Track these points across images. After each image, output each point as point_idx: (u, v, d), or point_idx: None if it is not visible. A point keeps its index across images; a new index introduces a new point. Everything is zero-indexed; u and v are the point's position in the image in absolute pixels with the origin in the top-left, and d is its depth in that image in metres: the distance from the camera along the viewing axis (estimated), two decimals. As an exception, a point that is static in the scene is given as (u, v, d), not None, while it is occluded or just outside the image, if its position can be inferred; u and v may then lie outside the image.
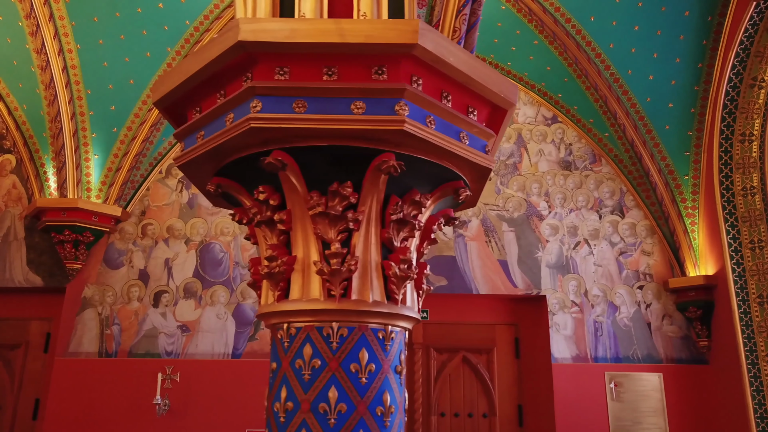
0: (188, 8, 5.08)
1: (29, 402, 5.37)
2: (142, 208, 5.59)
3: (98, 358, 5.19)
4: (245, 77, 1.81)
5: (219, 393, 5.07)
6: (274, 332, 1.93)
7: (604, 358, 5.20)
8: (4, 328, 5.55)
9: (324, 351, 1.80)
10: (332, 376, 1.78)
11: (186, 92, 1.98)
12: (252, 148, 1.84)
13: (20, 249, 5.52)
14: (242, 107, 1.79)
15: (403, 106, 1.72)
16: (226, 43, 1.73)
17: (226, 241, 5.49)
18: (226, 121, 1.84)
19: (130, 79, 5.28)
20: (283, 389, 1.82)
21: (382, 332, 1.88)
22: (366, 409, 1.79)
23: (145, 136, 5.40)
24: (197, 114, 2.00)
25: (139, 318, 5.28)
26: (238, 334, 5.23)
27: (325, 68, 1.75)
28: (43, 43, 4.91)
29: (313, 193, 1.84)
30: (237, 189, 2.02)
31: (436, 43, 1.73)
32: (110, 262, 5.45)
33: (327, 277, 1.81)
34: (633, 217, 5.60)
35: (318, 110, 1.73)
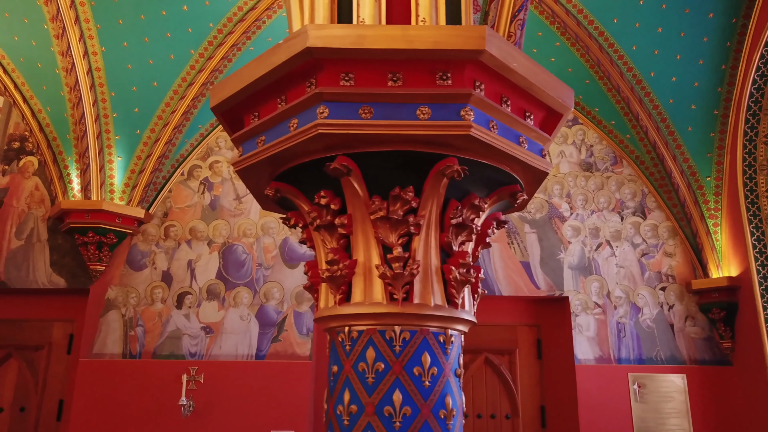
0: (212, 11, 5.10)
1: (53, 403, 5.39)
2: (164, 210, 5.61)
3: (122, 360, 5.21)
4: (309, 83, 1.83)
5: (243, 394, 5.09)
6: (334, 335, 1.95)
7: (628, 360, 5.20)
8: (27, 330, 5.57)
9: (387, 354, 1.81)
10: (396, 379, 1.79)
11: (245, 97, 1.99)
12: (315, 154, 1.85)
13: (43, 251, 5.54)
14: (307, 113, 1.80)
15: (468, 111, 1.74)
16: (294, 49, 1.75)
17: (248, 243, 5.51)
18: (289, 126, 1.85)
19: (154, 82, 5.30)
20: (345, 392, 1.84)
21: (442, 336, 1.90)
22: (430, 412, 1.80)
23: (168, 138, 5.42)
24: (255, 119, 2.02)
25: (163, 319, 5.30)
26: (262, 336, 5.25)
27: (390, 74, 1.77)
28: (69, 46, 4.93)
29: (374, 197, 1.86)
30: (294, 193, 2.04)
31: (501, 48, 1.75)
32: (133, 264, 5.47)
33: (389, 280, 1.83)
34: (655, 218, 5.61)
35: (384, 116, 1.75)
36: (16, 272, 5.48)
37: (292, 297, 5.35)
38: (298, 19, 2.09)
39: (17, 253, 5.53)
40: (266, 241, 5.51)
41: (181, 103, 5.38)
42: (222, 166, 5.73)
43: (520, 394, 5.28)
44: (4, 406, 5.39)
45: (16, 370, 5.49)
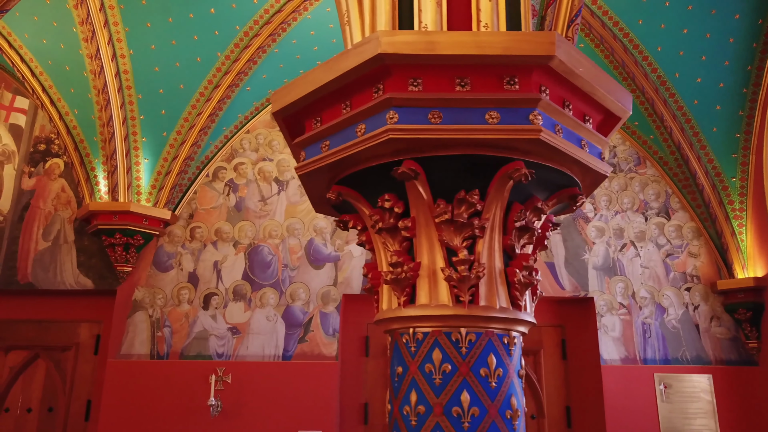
0: (239, 13, 5.13)
1: (81, 404, 5.43)
2: (189, 212, 5.65)
3: (150, 360, 5.24)
4: (376, 89, 1.85)
5: (270, 394, 5.12)
6: (397, 337, 1.97)
7: (653, 360, 5.21)
8: (55, 331, 5.62)
9: (454, 356, 1.84)
10: (463, 380, 1.82)
11: (309, 103, 2.02)
12: (381, 158, 1.88)
13: (70, 252, 5.58)
14: (376, 118, 1.83)
15: (537, 116, 1.76)
16: (364, 54, 1.78)
17: (274, 244, 5.54)
18: (356, 131, 1.88)
19: (181, 84, 5.34)
20: (412, 393, 1.86)
21: (506, 337, 1.92)
22: (497, 413, 1.83)
23: (194, 141, 5.46)
24: (318, 124, 2.05)
25: (190, 320, 5.34)
26: (288, 336, 5.28)
27: (458, 79, 1.79)
28: (98, 49, 4.98)
29: (439, 200, 1.88)
30: (355, 197, 2.06)
31: (569, 54, 1.77)
32: (159, 265, 5.51)
33: (455, 283, 1.85)
34: (679, 219, 5.62)
35: (453, 120, 1.77)
36: (44, 273, 5.53)
37: (318, 297, 5.38)
38: (358, 26, 2.12)
39: (44, 254, 5.58)
40: (291, 242, 5.54)
41: (207, 106, 5.41)
42: (246, 168, 5.76)
43: (545, 394, 5.30)
44: (32, 407, 5.43)
45: (44, 370, 5.54)
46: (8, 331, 5.59)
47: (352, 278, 5.45)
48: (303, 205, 5.65)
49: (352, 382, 5.36)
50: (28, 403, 5.45)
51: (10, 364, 5.53)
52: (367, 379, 5.40)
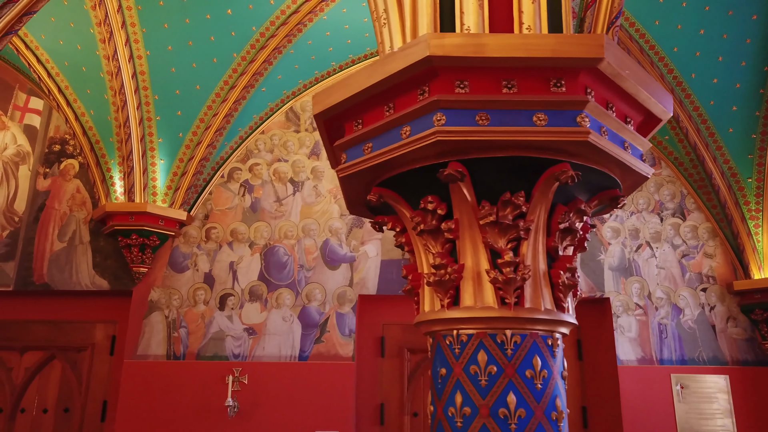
0: (256, 14, 5.14)
1: (97, 404, 5.44)
2: (205, 212, 5.66)
3: (166, 361, 5.25)
4: (421, 91, 1.86)
5: (287, 395, 5.12)
6: (440, 338, 1.97)
7: (670, 360, 5.22)
8: (70, 331, 5.62)
9: (499, 357, 1.84)
10: (509, 382, 1.82)
11: (351, 105, 2.03)
12: (426, 160, 1.88)
13: (86, 253, 5.59)
14: (422, 120, 1.83)
15: (584, 118, 1.76)
16: (412, 57, 1.78)
17: (290, 245, 5.54)
18: (401, 133, 1.88)
19: (197, 85, 5.34)
20: (457, 394, 1.87)
21: (550, 339, 1.92)
22: (543, 414, 1.83)
23: (209, 141, 5.46)
24: (359, 126, 2.05)
25: (206, 321, 5.34)
26: (305, 337, 5.28)
27: (504, 81, 1.80)
28: (116, 50, 4.98)
29: (483, 202, 1.89)
30: (396, 199, 2.07)
31: (616, 56, 1.78)
32: (175, 266, 5.51)
33: (501, 285, 1.86)
34: (694, 219, 5.62)
35: (500, 122, 1.77)
36: (59, 274, 5.53)
37: (334, 298, 5.38)
38: (398, 28, 2.12)
39: (60, 255, 5.59)
40: (307, 243, 5.54)
41: (223, 106, 5.42)
42: (262, 169, 5.76)
43: (561, 394, 5.29)
44: (48, 407, 5.44)
45: (60, 371, 5.55)
46: (24, 331, 5.60)
47: (368, 279, 5.45)
48: (318, 205, 5.66)
49: (368, 383, 5.36)
50: (44, 404, 5.45)
51: (26, 364, 5.54)
52: (383, 380, 5.41)
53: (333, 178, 5.74)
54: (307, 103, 5.97)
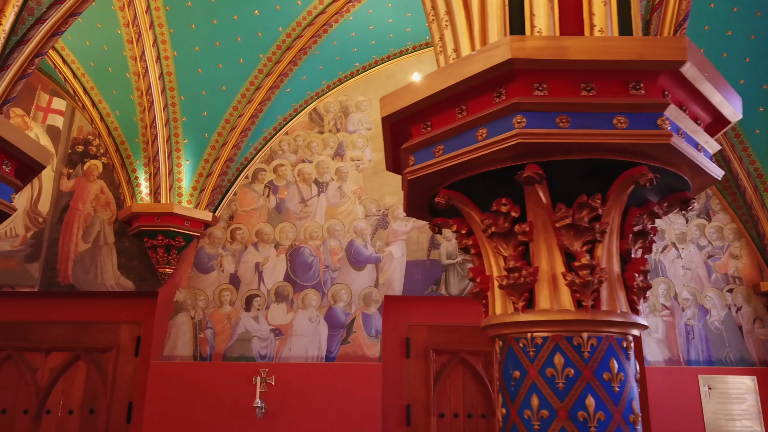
0: (282, 15, 5.14)
1: (122, 405, 5.43)
2: (230, 213, 5.65)
3: (193, 362, 5.25)
4: (497, 93, 1.86)
5: (314, 396, 5.12)
6: (511, 341, 1.97)
7: (697, 361, 5.22)
8: (95, 332, 5.61)
9: (576, 360, 1.84)
10: (587, 384, 1.82)
11: (421, 108, 2.02)
12: (501, 163, 1.88)
13: (111, 254, 5.59)
14: (500, 122, 1.83)
15: (665, 121, 1.76)
16: (493, 60, 1.78)
17: (315, 245, 5.54)
18: (477, 136, 1.88)
19: (223, 85, 5.34)
20: (533, 397, 1.86)
21: (624, 341, 1.92)
22: (621, 417, 1.83)
23: (235, 142, 5.46)
24: (428, 129, 2.05)
25: (232, 322, 5.34)
26: (331, 338, 5.28)
27: (583, 84, 1.79)
28: (143, 51, 4.98)
29: (559, 205, 1.88)
30: (464, 201, 2.06)
31: (697, 59, 1.77)
32: (200, 267, 5.51)
33: (577, 288, 1.85)
34: (720, 220, 5.62)
35: (581, 125, 1.77)
36: (84, 275, 5.53)
37: (360, 299, 5.38)
38: (465, 31, 2.11)
39: (85, 256, 5.58)
40: (332, 244, 5.54)
41: (248, 107, 5.41)
42: (286, 170, 5.76)
43: (588, 395, 5.30)
44: (73, 408, 5.44)
45: (85, 372, 5.54)
46: (48, 332, 5.59)
47: (393, 280, 5.45)
48: (343, 206, 5.65)
49: (394, 384, 5.36)
50: (70, 405, 5.45)
51: (51, 365, 5.54)
52: (409, 381, 5.40)
53: (357, 179, 5.73)
54: (330, 103, 5.97)
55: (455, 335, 5.49)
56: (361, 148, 5.82)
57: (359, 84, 6.01)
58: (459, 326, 5.50)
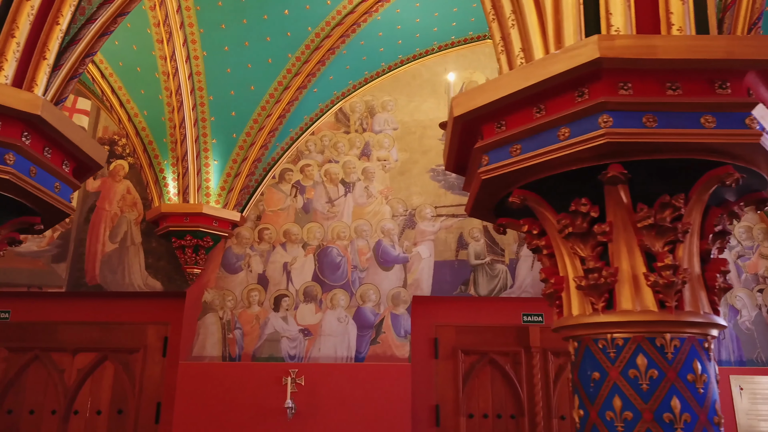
0: (312, 14, 5.12)
1: (150, 406, 5.42)
2: (257, 213, 5.64)
3: (222, 362, 5.24)
4: (579, 93, 1.84)
5: (343, 396, 5.11)
6: (589, 342, 1.96)
7: (728, 362, 5.20)
8: (122, 333, 5.60)
9: (660, 361, 1.83)
10: (672, 386, 1.81)
11: (495, 108, 2.01)
12: (582, 162, 1.87)
13: (138, 254, 5.58)
14: (584, 122, 1.82)
15: (753, 120, 1.75)
16: (579, 59, 1.76)
17: (342, 245, 5.52)
18: (558, 135, 1.87)
19: (251, 85, 5.33)
20: (615, 398, 1.85)
21: (705, 342, 1.91)
22: (706, 419, 1.82)
23: (263, 142, 5.45)
24: (502, 128, 2.04)
25: (261, 322, 5.33)
26: (360, 338, 5.27)
27: (668, 83, 1.78)
28: (174, 50, 4.97)
29: (640, 205, 1.87)
30: (538, 201, 2.05)
31: (784, 57, 1.76)
32: (228, 267, 5.50)
33: (660, 289, 1.84)
34: (748, 220, 5.60)
35: (668, 124, 1.76)
36: (112, 275, 5.52)
37: (388, 299, 5.37)
38: (537, 30, 2.10)
39: (112, 256, 5.58)
40: (360, 244, 5.53)
41: (276, 107, 5.40)
42: (313, 170, 5.75)
43: (617, 396, 5.28)
44: (101, 409, 5.43)
45: (112, 372, 5.53)
46: (75, 333, 5.58)
47: (422, 280, 5.43)
48: (370, 206, 5.64)
49: (423, 384, 5.34)
50: (98, 406, 5.44)
51: (78, 366, 5.53)
52: (438, 381, 5.39)
53: (384, 179, 5.72)
54: (356, 103, 5.96)
55: (484, 336, 5.47)
56: (387, 148, 5.81)
57: (385, 84, 6.00)
58: (487, 327, 5.49)
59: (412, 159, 5.77)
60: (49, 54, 2.49)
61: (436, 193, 5.64)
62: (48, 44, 2.49)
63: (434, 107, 5.91)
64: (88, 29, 2.90)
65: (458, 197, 5.60)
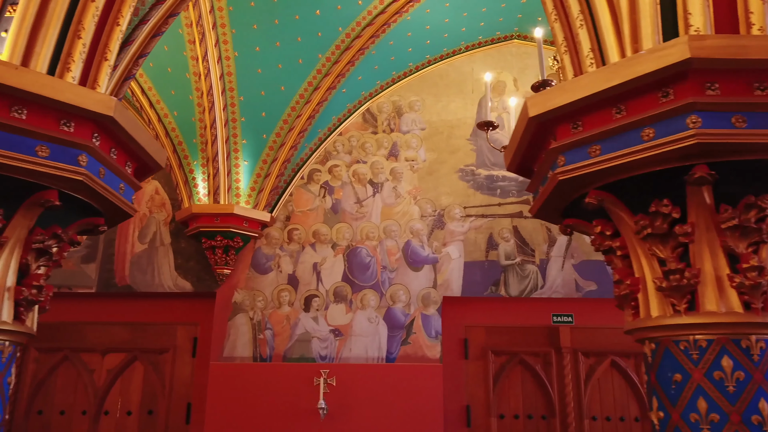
0: (343, 15, 5.12)
1: (181, 406, 5.42)
2: (286, 214, 5.64)
3: (253, 363, 5.24)
4: (663, 93, 1.83)
5: (375, 397, 5.10)
6: (669, 344, 1.94)
7: (761, 362, 5.18)
8: (151, 333, 5.61)
9: (746, 363, 1.82)
10: (759, 388, 1.80)
11: (573, 109, 2.00)
12: (669, 163, 1.85)
13: (167, 255, 5.58)
14: (669, 122, 1.81)
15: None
16: (666, 59, 1.75)
17: (372, 246, 5.52)
18: (642, 136, 1.86)
19: (281, 86, 5.33)
20: (700, 400, 1.84)
21: (787, 344, 1.89)
22: (792, 421, 1.80)
23: (292, 143, 5.45)
24: (578, 129, 2.02)
25: (291, 322, 5.33)
26: (391, 338, 5.26)
27: (756, 83, 1.77)
28: (206, 51, 4.97)
29: (724, 206, 1.86)
30: (614, 202, 2.04)
31: None
32: (258, 267, 5.50)
33: (746, 290, 1.83)
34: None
35: (757, 125, 1.75)
36: (142, 276, 5.53)
37: (418, 299, 5.36)
38: (611, 31, 2.08)
39: (141, 257, 5.58)
40: (389, 244, 5.52)
41: (306, 108, 5.40)
42: (341, 170, 5.74)
43: (649, 396, 5.26)
44: (131, 409, 5.43)
45: (142, 373, 5.54)
46: (105, 333, 5.59)
47: (452, 280, 5.42)
48: (398, 207, 5.63)
49: (454, 385, 5.34)
50: (128, 406, 5.45)
51: (108, 366, 5.54)
52: (468, 382, 5.38)
53: (412, 180, 5.72)
54: (383, 104, 5.95)
55: (514, 336, 5.46)
56: (415, 148, 5.80)
57: (412, 84, 6.00)
58: (517, 327, 5.48)
59: (440, 159, 5.76)
60: (110, 55, 2.49)
61: (465, 193, 5.63)
62: (109, 45, 2.49)
63: (461, 107, 5.91)
64: (141, 30, 2.90)
65: (487, 197, 5.59)
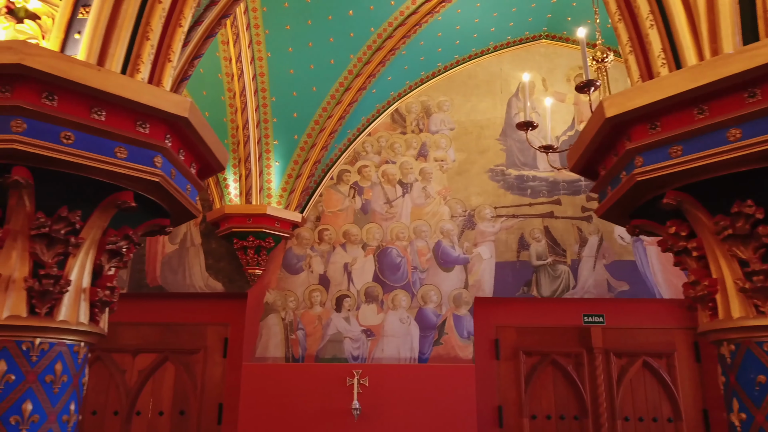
0: (375, 15, 5.13)
1: (212, 407, 5.43)
2: (316, 214, 5.65)
3: (285, 363, 5.24)
4: (750, 93, 1.83)
5: (408, 397, 5.10)
6: (750, 344, 1.94)
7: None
8: (182, 334, 5.62)
9: (766, 365, 1.83)
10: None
11: (652, 109, 2.00)
12: (755, 164, 1.85)
13: (198, 255, 5.59)
14: (758, 123, 1.80)
15: None
16: (758, 59, 1.75)
17: (402, 246, 5.52)
18: (728, 137, 1.85)
19: (313, 86, 5.33)
20: (733, 401, 1.89)
21: None
22: None
23: (323, 144, 5.45)
24: (656, 129, 2.02)
25: (323, 323, 5.33)
26: (423, 339, 5.26)
27: None
28: (240, 52, 4.97)
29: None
30: (692, 202, 2.03)
31: None
32: (289, 267, 5.51)
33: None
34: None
35: None
36: (173, 276, 5.54)
37: (450, 300, 5.36)
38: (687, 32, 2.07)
39: (172, 257, 5.59)
40: (419, 245, 5.52)
41: (337, 108, 5.40)
42: (370, 171, 5.75)
43: (681, 397, 5.25)
44: (163, 410, 5.44)
45: (173, 373, 5.55)
46: (136, 334, 5.60)
47: (483, 281, 5.42)
48: (428, 207, 5.63)
49: (486, 385, 5.33)
50: (159, 406, 5.46)
51: (139, 367, 5.55)
52: (500, 383, 5.38)
53: (441, 180, 5.71)
54: (412, 104, 5.95)
55: (545, 336, 5.46)
56: (444, 148, 5.80)
57: (440, 84, 5.99)
58: (548, 327, 5.47)
59: (470, 159, 5.75)
60: (174, 55, 2.50)
61: (496, 193, 5.63)
62: (172, 46, 2.49)
63: (491, 107, 5.90)
64: (196, 31, 2.90)
65: (518, 197, 5.59)
